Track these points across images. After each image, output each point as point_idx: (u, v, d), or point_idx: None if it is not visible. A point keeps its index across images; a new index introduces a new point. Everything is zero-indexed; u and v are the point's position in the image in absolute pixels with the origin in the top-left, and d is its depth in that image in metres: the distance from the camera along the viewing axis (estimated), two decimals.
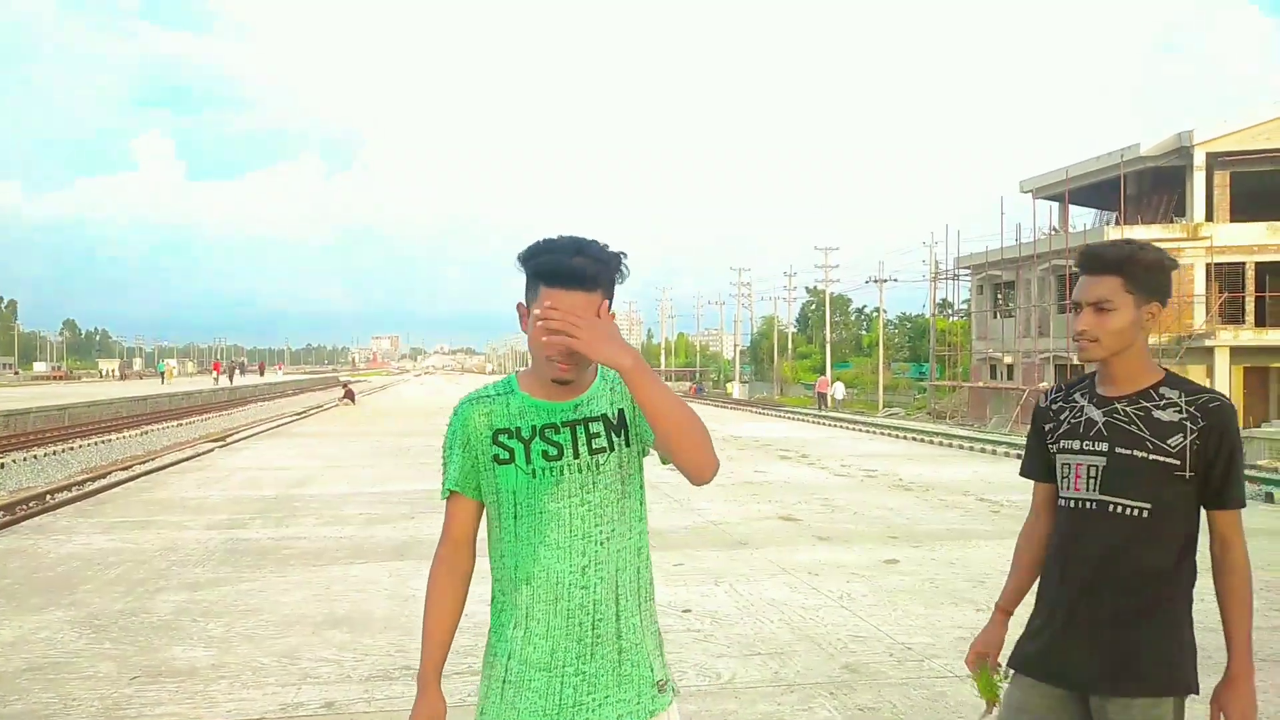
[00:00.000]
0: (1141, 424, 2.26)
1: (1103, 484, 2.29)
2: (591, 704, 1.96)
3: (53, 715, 4.42)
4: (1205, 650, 2.40)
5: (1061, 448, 2.39)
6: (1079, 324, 2.31)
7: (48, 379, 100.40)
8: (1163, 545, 2.25)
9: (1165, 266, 2.31)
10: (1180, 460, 2.21)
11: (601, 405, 2.05)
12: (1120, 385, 2.32)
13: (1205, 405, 2.22)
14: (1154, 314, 2.29)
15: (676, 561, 7.67)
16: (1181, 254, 33.25)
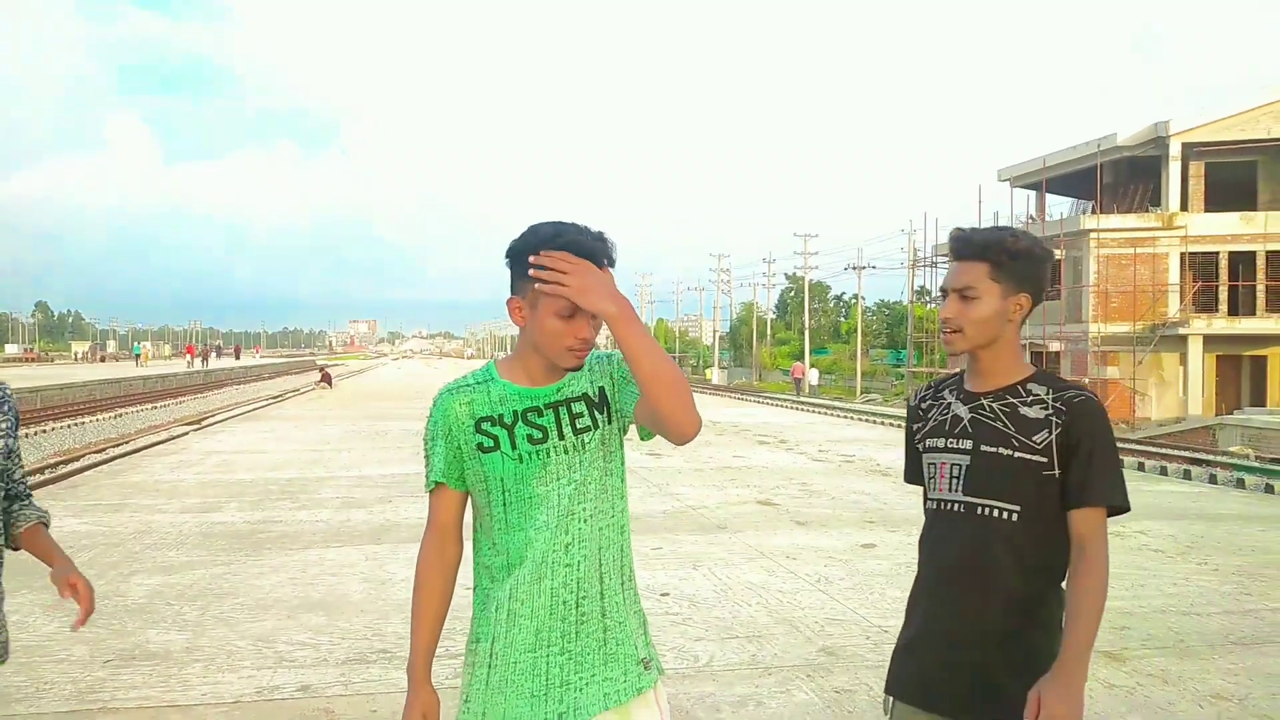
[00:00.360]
0: (1008, 420, 2.12)
1: (967, 484, 2.14)
2: (578, 683, 1.96)
3: (25, 699, 4.37)
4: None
5: (927, 446, 2.24)
6: (942, 312, 2.19)
7: (20, 361, 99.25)
8: (1034, 551, 2.08)
9: (1037, 256, 2.16)
10: (1047, 458, 2.07)
11: (581, 385, 2.04)
12: (988, 380, 2.19)
13: (1070, 400, 2.09)
14: (1022, 306, 2.15)
15: (655, 545, 7.67)
16: (1157, 243, 33.57)
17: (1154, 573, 6.89)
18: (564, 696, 1.94)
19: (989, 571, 2.09)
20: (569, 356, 1.95)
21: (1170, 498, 10.52)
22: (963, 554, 2.13)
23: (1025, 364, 2.20)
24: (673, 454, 14.09)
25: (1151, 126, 34.32)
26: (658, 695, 2.07)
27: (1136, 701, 4.40)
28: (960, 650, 2.10)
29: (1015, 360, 2.19)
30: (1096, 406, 2.11)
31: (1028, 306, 2.16)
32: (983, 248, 2.14)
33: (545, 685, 1.94)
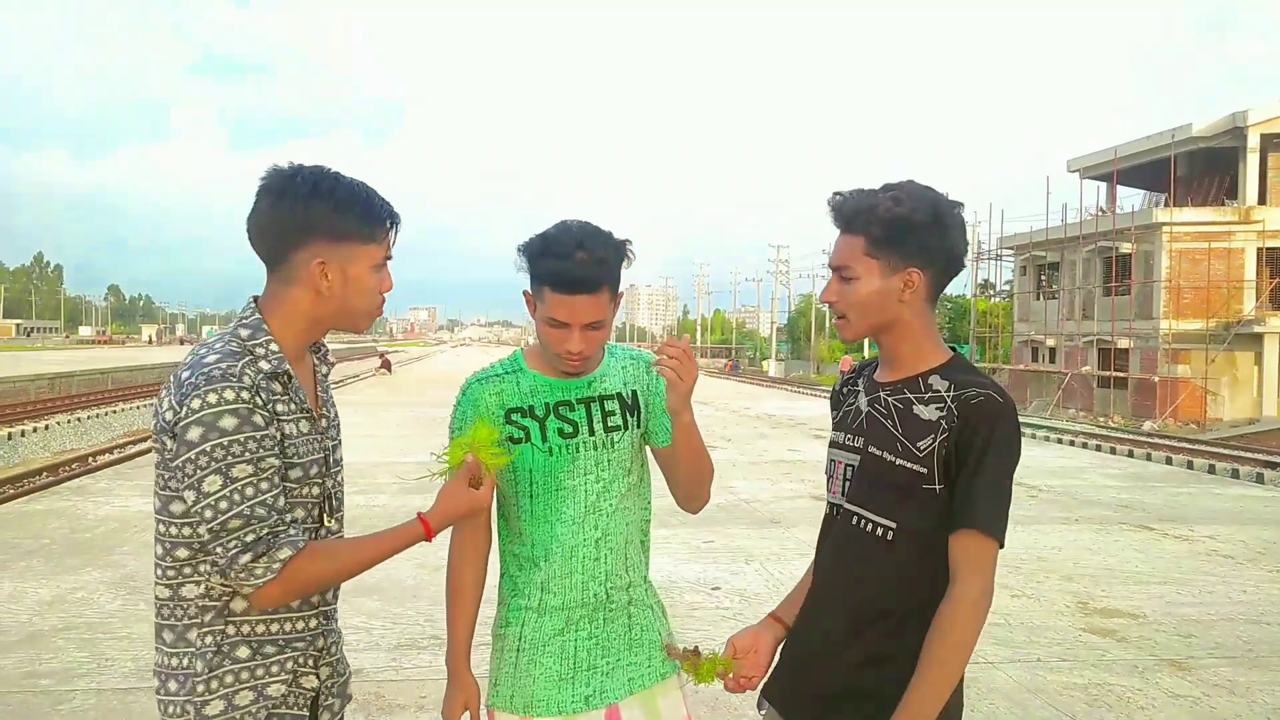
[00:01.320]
0: (897, 419, 1.80)
1: (852, 488, 1.86)
2: (605, 667, 2.00)
3: (87, 674, 4.48)
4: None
5: (830, 440, 1.97)
6: (823, 295, 1.90)
7: (92, 343, 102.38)
8: (912, 579, 1.76)
9: (920, 223, 1.77)
10: (927, 469, 1.74)
11: (615, 384, 2.07)
12: (894, 368, 1.87)
13: (967, 401, 1.72)
14: (912, 283, 1.79)
15: (707, 539, 7.63)
16: (1233, 237, 32.57)
17: (1223, 579, 6.68)
18: (590, 680, 1.99)
19: (864, 592, 1.81)
20: (562, 363, 1.98)
21: (1242, 502, 10.20)
22: (835, 568, 1.88)
23: (940, 351, 1.85)
24: (727, 447, 14.02)
25: (1229, 117, 33.25)
26: (679, 682, 2.10)
27: (1201, 712, 4.25)
28: (832, 668, 1.85)
29: (925, 346, 1.84)
30: (996, 409, 1.72)
31: (922, 283, 1.80)
32: (852, 218, 1.82)
33: (573, 669, 1.98)
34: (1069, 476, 11.59)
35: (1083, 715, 4.20)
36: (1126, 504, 9.77)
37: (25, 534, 7.50)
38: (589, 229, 1.94)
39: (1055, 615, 5.71)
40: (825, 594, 1.92)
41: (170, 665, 1.74)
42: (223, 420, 1.60)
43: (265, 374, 1.68)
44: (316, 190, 1.72)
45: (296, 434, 1.73)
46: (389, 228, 1.80)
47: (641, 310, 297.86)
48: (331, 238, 1.73)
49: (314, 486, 1.77)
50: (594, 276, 1.89)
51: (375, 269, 1.79)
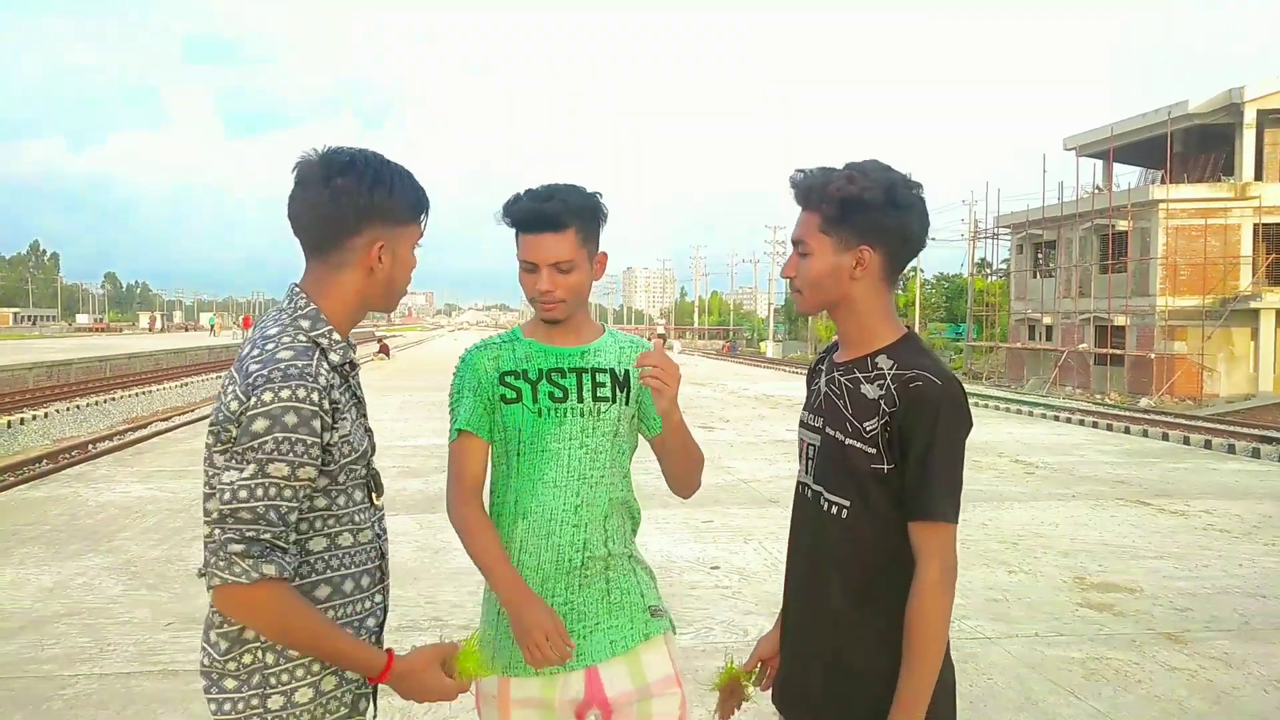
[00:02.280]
0: (848, 399, 1.83)
1: (815, 468, 1.89)
2: (581, 631, 2.04)
3: (90, 659, 4.50)
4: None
5: (800, 420, 2.00)
6: (784, 268, 1.92)
7: (90, 331, 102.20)
8: (866, 559, 1.79)
9: (873, 201, 1.78)
10: (875, 449, 1.76)
11: (609, 360, 2.15)
12: (849, 347, 1.89)
13: (907, 383, 1.74)
14: (863, 261, 1.80)
15: (706, 519, 7.67)
16: (1229, 214, 32.54)
17: (1219, 553, 6.72)
18: None
19: (824, 573, 1.84)
20: (537, 308, 2.08)
21: (1237, 477, 10.24)
22: (803, 546, 1.91)
23: (893, 328, 1.86)
24: (725, 428, 14.06)
25: (1225, 93, 33.16)
26: (668, 641, 2.12)
27: (1198, 685, 4.29)
28: (805, 653, 1.89)
29: (876, 325, 1.85)
30: (935, 393, 1.73)
31: (874, 261, 1.81)
32: (807, 195, 1.84)
33: None
34: (1065, 453, 11.63)
35: (1080, 689, 4.23)
36: (1123, 480, 9.81)
37: (26, 521, 7.52)
38: (562, 184, 2.07)
39: (1052, 591, 5.74)
40: (798, 570, 1.94)
41: (225, 664, 1.72)
42: (286, 416, 1.62)
43: (333, 367, 1.73)
44: (379, 177, 1.77)
45: (353, 421, 1.78)
46: (426, 206, 1.88)
47: (639, 292, 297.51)
48: (390, 221, 1.79)
49: (365, 468, 1.83)
50: (557, 214, 2.00)
51: (414, 249, 1.87)
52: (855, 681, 1.81)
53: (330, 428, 1.69)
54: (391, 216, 1.79)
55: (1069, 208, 37.59)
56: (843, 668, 1.83)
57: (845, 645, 1.83)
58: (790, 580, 1.98)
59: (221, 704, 1.72)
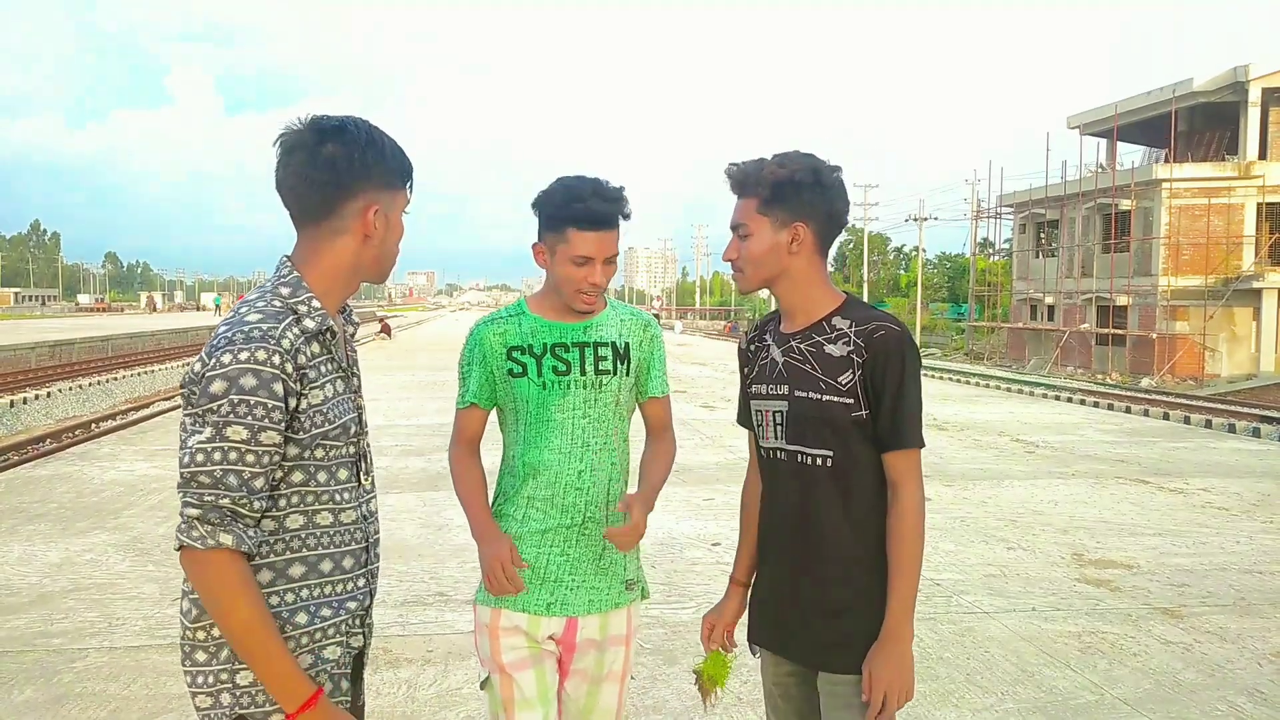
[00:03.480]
0: (815, 362, 2.02)
1: (786, 431, 2.06)
2: (571, 583, 2.26)
3: (98, 634, 4.56)
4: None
5: (752, 393, 2.16)
6: (725, 252, 2.12)
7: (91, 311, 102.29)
8: (853, 497, 2.00)
9: (802, 182, 2.00)
10: (853, 399, 1.97)
11: (610, 333, 2.32)
12: (796, 318, 2.08)
13: (871, 335, 1.96)
14: (799, 236, 2.01)
15: (707, 496, 7.72)
16: (1233, 193, 32.46)
17: (1217, 530, 6.76)
18: (555, 590, 2.25)
19: (814, 519, 2.02)
20: (580, 299, 2.24)
21: (1237, 455, 10.28)
22: (791, 503, 2.06)
23: (834, 295, 2.08)
24: (726, 407, 14.09)
25: (1230, 71, 33.00)
26: (631, 612, 2.38)
27: (1193, 658, 4.34)
28: (804, 596, 2.06)
29: (818, 294, 2.06)
30: (897, 339, 1.97)
31: (808, 236, 2.02)
32: (743, 182, 2.05)
33: (542, 578, 2.24)
34: (1065, 432, 11.67)
35: (1076, 662, 4.28)
36: (1122, 458, 9.85)
37: (32, 499, 7.58)
38: (596, 178, 2.23)
39: (1050, 566, 5.79)
40: (778, 534, 2.11)
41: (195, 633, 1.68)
42: (244, 378, 1.58)
43: (308, 334, 1.68)
44: (371, 139, 1.75)
45: (334, 394, 1.73)
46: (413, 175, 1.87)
47: (640, 273, 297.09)
48: (382, 185, 1.77)
49: (351, 446, 1.79)
50: (613, 212, 2.20)
51: (403, 214, 1.85)
52: (851, 616, 2.01)
53: (297, 394, 1.64)
54: (384, 179, 1.76)
55: (1072, 187, 37.49)
56: (841, 605, 2.02)
57: (841, 582, 2.02)
58: (774, 540, 2.13)
59: (195, 677, 1.68)
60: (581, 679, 2.31)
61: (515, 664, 2.23)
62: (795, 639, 2.09)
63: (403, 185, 1.83)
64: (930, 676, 4.07)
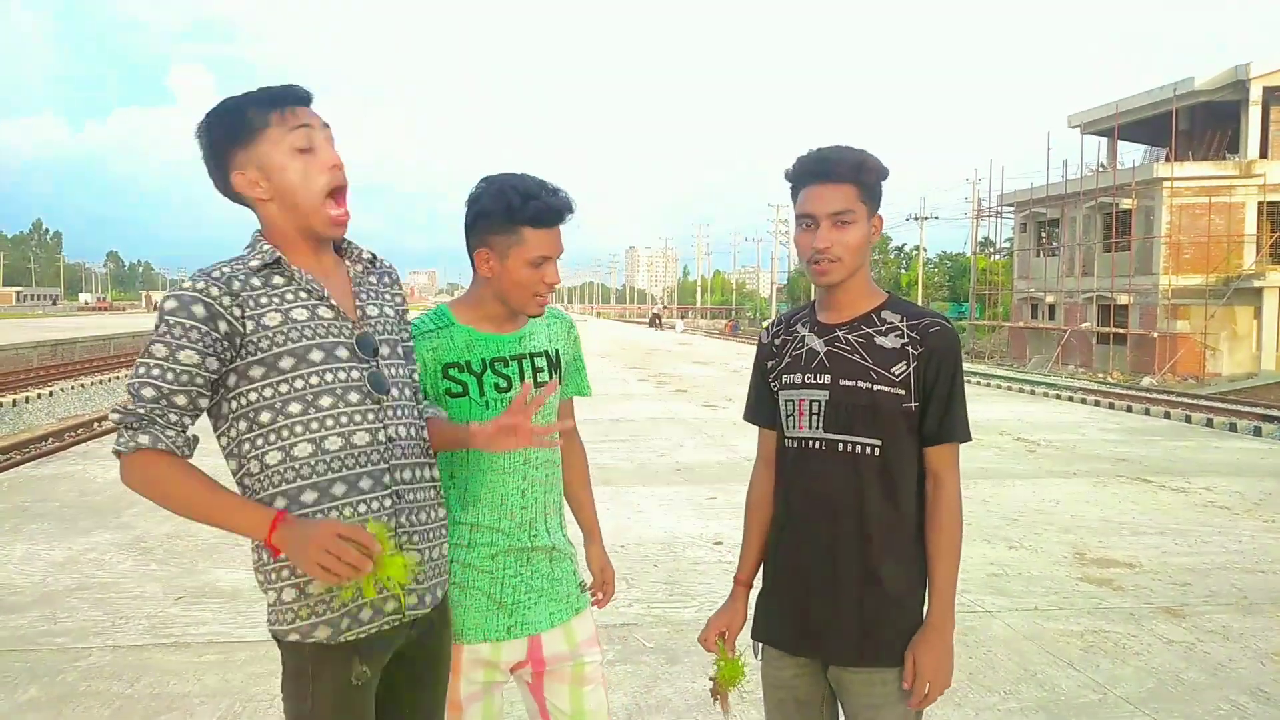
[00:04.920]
0: (864, 352, 2.03)
1: (827, 420, 2.04)
2: (528, 602, 2.20)
3: (101, 632, 4.57)
4: None
5: (784, 383, 2.13)
6: (819, 241, 2.00)
7: (92, 310, 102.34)
8: (898, 487, 2.02)
9: (885, 175, 2.07)
10: (905, 390, 2.00)
11: (541, 342, 2.25)
12: (843, 310, 2.08)
13: (926, 329, 2.01)
14: (877, 228, 2.07)
15: (709, 495, 7.72)
16: (1233, 192, 32.45)
17: (1219, 529, 6.76)
18: (514, 613, 2.18)
19: (857, 509, 2.01)
20: (535, 303, 2.15)
21: (1239, 454, 10.28)
22: (828, 492, 2.04)
23: (877, 289, 2.11)
24: (728, 406, 14.10)
25: (1231, 70, 32.97)
26: (590, 612, 2.34)
27: (1195, 657, 4.35)
28: (838, 590, 2.03)
29: (870, 287, 2.10)
30: (952, 336, 2.04)
31: (880, 228, 2.09)
32: (853, 169, 2.02)
33: (498, 603, 2.17)
34: (1067, 431, 11.67)
35: (1078, 661, 4.29)
36: (1124, 457, 9.85)
37: (35, 498, 7.59)
38: (526, 174, 2.14)
39: (1052, 565, 5.79)
40: (809, 524, 2.07)
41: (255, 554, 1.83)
42: (168, 302, 1.71)
43: (253, 269, 1.75)
44: (224, 108, 1.79)
45: (300, 320, 1.77)
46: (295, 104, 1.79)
47: (641, 272, 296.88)
48: (245, 142, 1.78)
49: (340, 371, 1.78)
50: (567, 207, 2.12)
51: (296, 151, 1.78)
52: (897, 607, 2.03)
53: (233, 318, 1.70)
54: (244, 136, 1.77)
55: (1073, 186, 37.48)
56: (889, 596, 2.02)
57: (888, 573, 2.02)
58: (803, 531, 2.08)
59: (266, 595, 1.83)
60: (562, 684, 2.24)
61: (470, 699, 2.16)
62: (824, 635, 2.05)
63: (265, 126, 1.77)
64: None
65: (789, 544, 2.12)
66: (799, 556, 2.09)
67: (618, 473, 8.64)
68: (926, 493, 2.04)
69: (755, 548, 2.26)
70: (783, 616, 2.12)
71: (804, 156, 2.06)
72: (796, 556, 2.10)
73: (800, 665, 2.10)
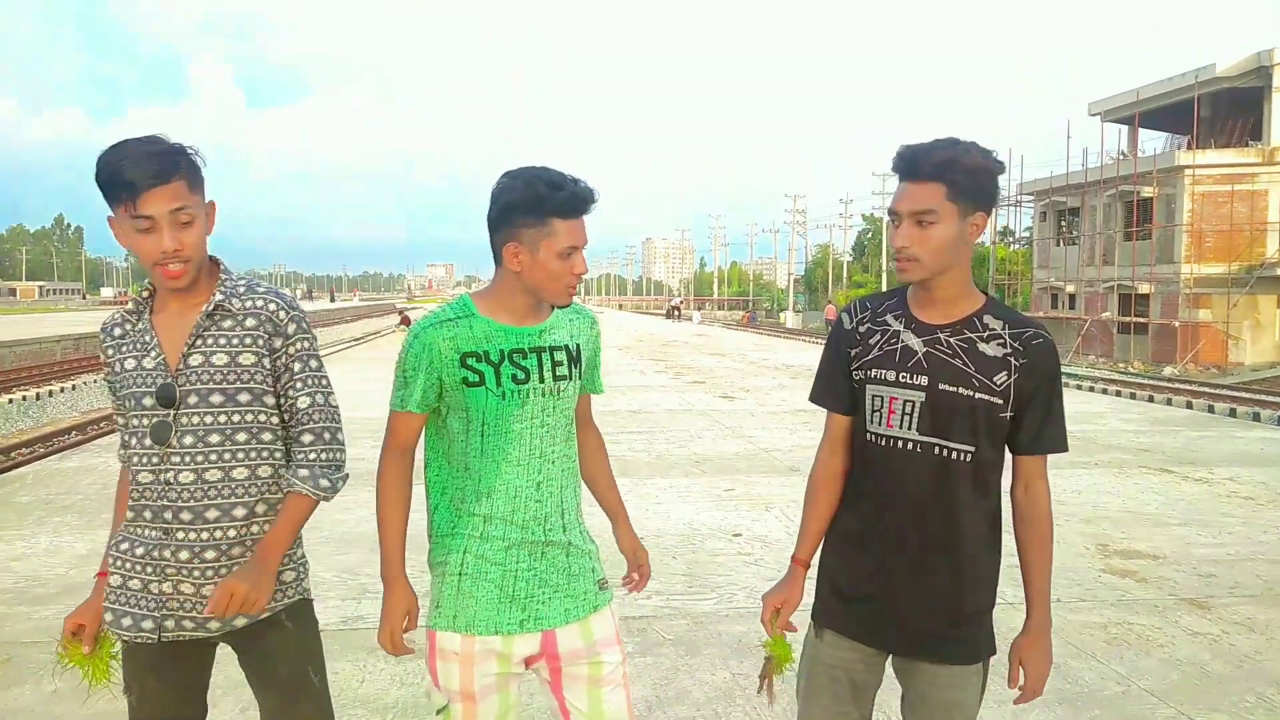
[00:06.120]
0: (966, 358, 2.01)
1: (921, 422, 2.03)
2: (542, 597, 2.16)
3: None
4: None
5: (872, 377, 2.09)
6: (897, 239, 2.02)
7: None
8: (984, 491, 2.05)
9: (992, 170, 2.00)
10: (1004, 400, 2.00)
11: (562, 336, 2.22)
12: (941, 311, 2.05)
13: (1029, 341, 2.01)
14: (979, 226, 2.01)
15: (728, 487, 7.71)
16: (1256, 179, 32.10)
17: (1243, 520, 6.70)
18: (527, 606, 2.15)
19: (947, 512, 2.03)
20: (566, 294, 2.15)
21: (1262, 444, 10.18)
22: (918, 494, 2.04)
23: (976, 291, 2.09)
24: (745, 398, 14.09)
25: (1254, 56, 32.59)
26: (612, 609, 2.28)
27: (1220, 649, 4.31)
28: (918, 587, 2.06)
29: (969, 288, 2.07)
30: (1053, 349, 2.05)
31: (983, 226, 2.03)
32: (939, 167, 1.97)
33: (510, 595, 2.14)
34: (1088, 422, 11.59)
35: (1102, 653, 4.26)
36: (1146, 448, 9.78)
37: (59, 490, 7.66)
38: (549, 167, 2.13)
39: (1074, 557, 5.76)
40: (894, 524, 2.07)
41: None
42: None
43: (128, 313, 2.15)
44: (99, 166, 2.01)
45: (128, 369, 2.10)
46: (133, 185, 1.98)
47: (658, 263, 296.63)
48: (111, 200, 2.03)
49: (140, 418, 2.09)
50: (593, 197, 2.11)
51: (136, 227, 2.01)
52: (980, 609, 2.08)
53: (107, 361, 2.15)
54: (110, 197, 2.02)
55: (1093, 174, 37.16)
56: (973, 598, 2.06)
57: (973, 577, 2.06)
58: (888, 529, 2.08)
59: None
60: (580, 685, 2.20)
61: (484, 691, 2.15)
62: (908, 632, 2.08)
63: (115, 203, 2.01)
64: None
65: (872, 540, 2.11)
66: (884, 555, 2.09)
67: (636, 464, 8.64)
68: (1016, 499, 2.08)
69: (816, 529, 2.23)
70: (860, 608, 2.12)
71: (899, 150, 2.03)
72: (881, 554, 2.09)
73: (864, 651, 2.14)
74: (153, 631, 2.11)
